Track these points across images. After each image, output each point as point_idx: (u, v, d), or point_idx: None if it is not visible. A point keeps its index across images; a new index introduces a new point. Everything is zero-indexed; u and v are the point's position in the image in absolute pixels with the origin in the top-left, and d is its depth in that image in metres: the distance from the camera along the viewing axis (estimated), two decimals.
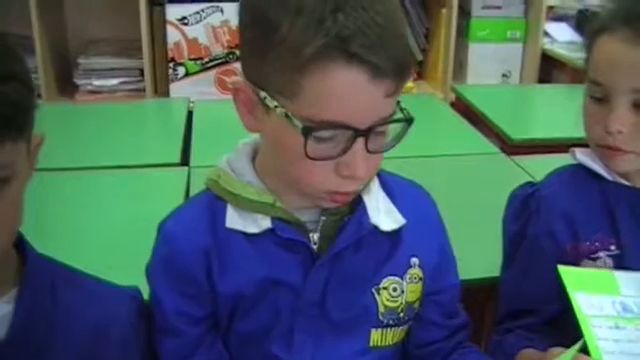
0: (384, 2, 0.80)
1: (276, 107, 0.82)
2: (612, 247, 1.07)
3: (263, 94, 0.83)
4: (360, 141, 0.81)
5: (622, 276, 0.98)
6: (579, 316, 0.92)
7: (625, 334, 0.92)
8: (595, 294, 0.95)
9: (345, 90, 0.78)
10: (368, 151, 0.82)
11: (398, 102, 0.84)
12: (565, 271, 0.95)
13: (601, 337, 0.91)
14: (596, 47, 1.04)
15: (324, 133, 0.80)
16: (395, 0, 0.84)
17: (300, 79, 0.78)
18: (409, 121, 0.85)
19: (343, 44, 0.76)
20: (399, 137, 0.86)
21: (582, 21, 3.08)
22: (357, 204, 0.92)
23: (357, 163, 0.82)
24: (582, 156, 1.11)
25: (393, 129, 0.86)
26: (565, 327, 0.99)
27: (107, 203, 1.64)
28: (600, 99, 1.03)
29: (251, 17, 0.84)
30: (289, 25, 0.77)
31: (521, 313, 1.10)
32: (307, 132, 0.80)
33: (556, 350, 0.91)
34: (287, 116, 0.81)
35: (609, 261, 1.06)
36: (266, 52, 0.80)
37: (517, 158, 1.92)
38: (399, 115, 0.85)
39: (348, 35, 0.76)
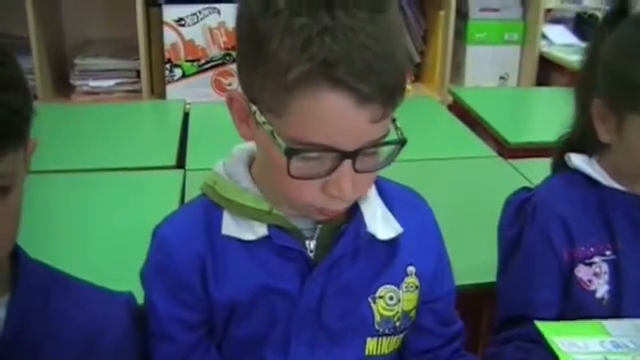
0: (377, 22, 0.77)
1: (264, 123, 0.81)
2: (607, 252, 1.07)
3: (254, 108, 0.82)
4: (347, 162, 0.80)
5: (612, 324, 0.95)
6: (558, 353, 0.86)
7: None
8: (580, 337, 0.91)
9: (330, 114, 0.76)
10: (356, 171, 0.81)
11: (394, 120, 0.83)
12: (544, 326, 0.92)
13: None
14: None
15: (309, 154, 0.79)
16: (392, 15, 0.80)
17: (286, 100, 0.77)
18: (402, 143, 0.83)
19: (329, 70, 0.74)
20: (391, 158, 0.85)
21: (580, 23, 3.08)
22: (354, 212, 0.92)
23: (344, 183, 0.81)
24: (578, 161, 1.11)
25: (388, 148, 0.84)
26: None
27: (102, 205, 1.63)
28: None
29: (244, 28, 0.82)
30: (278, 42, 0.75)
31: (519, 319, 1.09)
32: (290, 153, 0.78)
33: None
34: (272, 134, 0.80)
35: (604, 266, 1.06)
36: (256, 67, 0.79)
37: (514, 162, 1.92)
38: (393, 136, 0.83)
39: (334, 60, 0.74)
